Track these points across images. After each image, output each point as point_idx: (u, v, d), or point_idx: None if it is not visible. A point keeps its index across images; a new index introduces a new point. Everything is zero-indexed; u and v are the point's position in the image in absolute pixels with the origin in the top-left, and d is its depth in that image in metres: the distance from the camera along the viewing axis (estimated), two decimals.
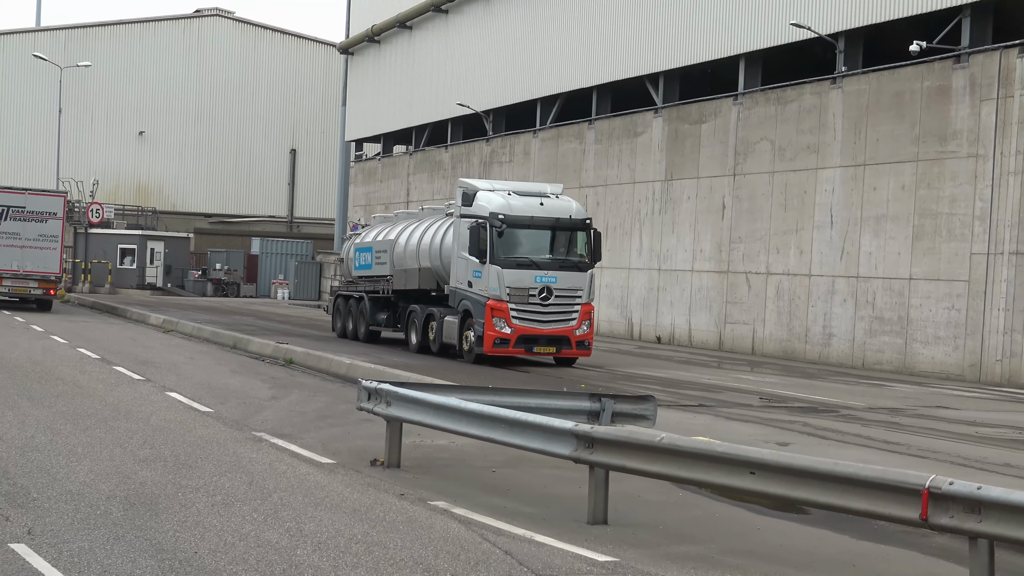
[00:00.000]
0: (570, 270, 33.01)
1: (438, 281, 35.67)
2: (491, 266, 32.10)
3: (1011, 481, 15.75)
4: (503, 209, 32.48)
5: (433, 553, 12.23)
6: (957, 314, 36.03)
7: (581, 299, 33.00)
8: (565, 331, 32.85)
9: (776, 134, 42.94)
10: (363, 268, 41.38)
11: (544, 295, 32.35)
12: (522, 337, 32.36)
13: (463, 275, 33.47)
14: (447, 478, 16.61)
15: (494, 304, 31.95)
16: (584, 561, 12.15)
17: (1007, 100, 34.62)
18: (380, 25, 73.41)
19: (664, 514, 14.83)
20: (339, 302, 43.11)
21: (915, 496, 11.06)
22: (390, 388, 17.47)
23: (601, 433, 14.06)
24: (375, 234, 41.67)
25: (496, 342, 32.12)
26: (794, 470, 12.22)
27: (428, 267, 35.98)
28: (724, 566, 12.30)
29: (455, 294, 34.08)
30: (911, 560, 13.01)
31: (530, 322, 32.48)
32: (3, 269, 53.18)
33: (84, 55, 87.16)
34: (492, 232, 32.08)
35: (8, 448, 17.33)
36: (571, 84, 55.37)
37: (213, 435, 19.70)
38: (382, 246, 39.61)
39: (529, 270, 32.45)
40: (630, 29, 51.10)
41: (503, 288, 32.03)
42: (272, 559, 11.68)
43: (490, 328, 31.97)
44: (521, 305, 32.22)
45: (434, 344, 35.08)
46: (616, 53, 52.07)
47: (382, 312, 39.31)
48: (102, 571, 10.97)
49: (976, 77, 35.66)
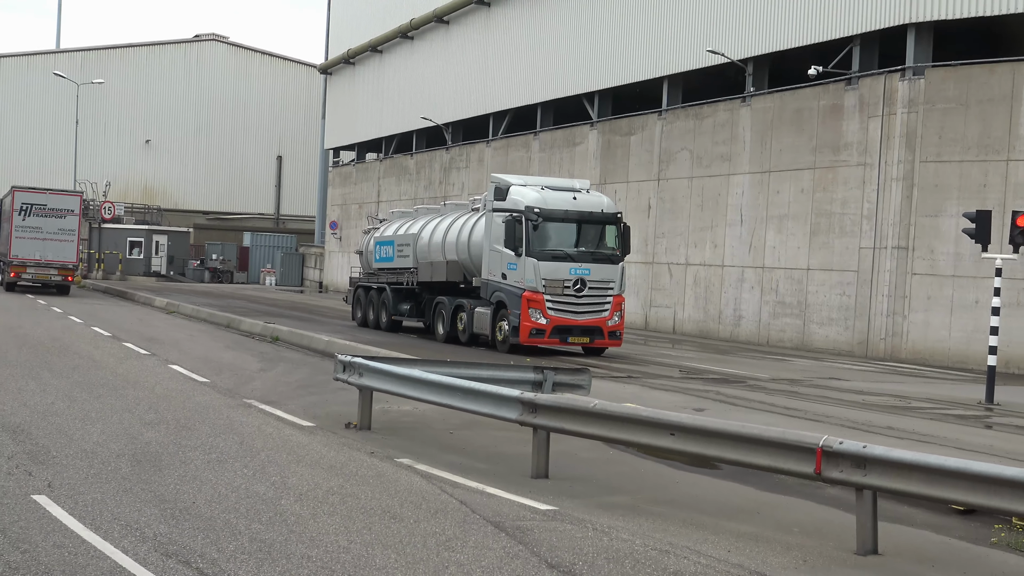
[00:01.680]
0: (603, 262, 30.25)
1: (465, 274, 32.98)
2: (527, 258, 29.50)
3: (892, 441, 15.87)
4: (539, 203, 29.82)
5: (399, 503, 12.24)
6: (847, 299, 36.29)
7: (613, 290, 30.22)
8: (598, 322, 30.07)
9: (694, 145, 43.08)
10: (384, 260, 38.20)
11: (578, 287, 29.67)
12: (557, 328, 29.61)
13: (496, 267, 30.71)
14: (411, 439, 16.61)
15: (530, 295, 29.31)
16: (528, 510, 12.18)
17: (890, 117, 34.86)
18: (355, 49, 73.38)
19: (597, 469, 14.88)
20: (359, 292, 39.87)
21: (810, 454, 11.15)
22: (362, 361, 17.48)
23: (543, 400, 14.11)
24: (395, 228, 38.68)
25: (532, 332, 29.39)
26: (707, 432, 12.29)
27: (455, 260, 33.21)
28: (648, 513, 12.35)
29: (487, 286, 31.24)
30: (807, 508, 13.10)
31: (565, 313, 29.67)
32: (27, 258, 53.30)
33: (98, 73, 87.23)
34: (528, 225, 29.51)
35: (31, 413, 17.25)
36: (519, 101, 55.40)
37: (209, 402, 19.64)
38: (404, 240, 36.73)
39: (564, 262, 29.76)
40: (570, 54, 51.19)
41: (539, 280, 29.40)
42: (260, 508, 11.67)
43: (526, 319, 29.29)
44: (556, 296, 29.51)
45: (463, 334, 32.22)
46: (558, 74, 52.16)
47: (405, 303, 36.36)
48: (112, 519, 10.94)
49: (864, 97, 35.89)
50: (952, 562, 11.00)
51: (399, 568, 9.68)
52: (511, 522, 11.54)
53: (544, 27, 53.54)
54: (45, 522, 10.71)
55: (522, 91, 55.10)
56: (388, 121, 69.77)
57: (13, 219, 53.87)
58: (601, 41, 48.97)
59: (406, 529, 11.08)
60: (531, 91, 54.38)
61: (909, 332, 34.21)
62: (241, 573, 9.29)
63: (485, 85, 58.62)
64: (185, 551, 9.90)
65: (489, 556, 10.20)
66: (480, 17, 59.47)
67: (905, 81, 34.45)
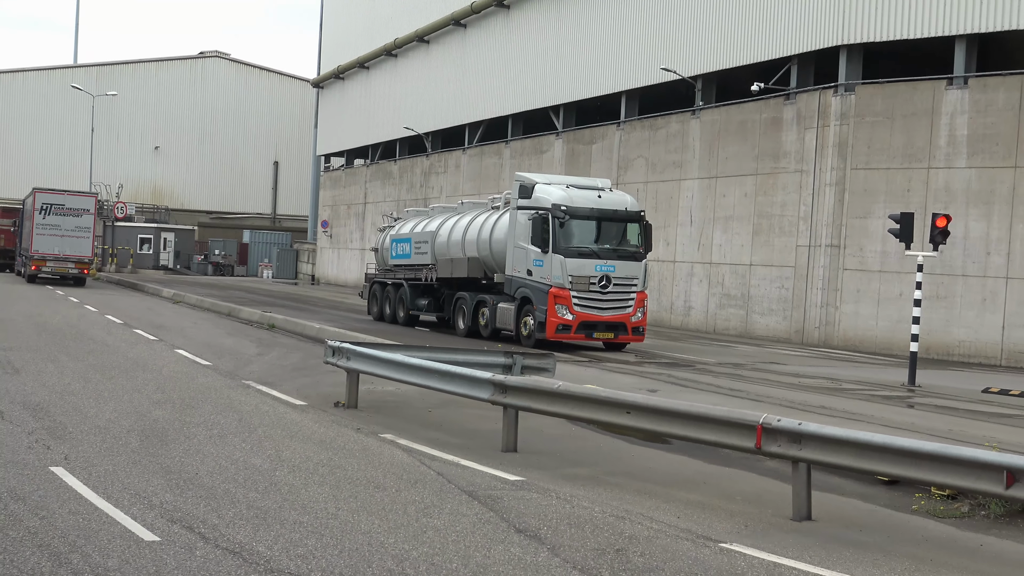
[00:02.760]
0: (627, 259, 28.12)
1: (485, 270, 30.84)
2: (554, 255, 27.44)
3: (825, 419, 15.94)
4: (565, 201, 27.72)
5: (382, 474, 12.24)
6: (786, 292, 36.42)
7: (636, 287, 28.15)
8: (622, 317, 27.92)
9: (649, 153, 43.13)
10: (401, 257, 35.76)
11: (604, 283, 27.55)
12: (583, 323, 27.51)
13: (520, 264, 28.59)
14: (394, 416, 16.61)
15: (557, 292, 27.27)
16: (499, 480, 12.21)
17: (824, 129, 34.99)
18: (344, 65, 73.17)
19: (560, 444, 14.92)
20: (375, 288, 37.24)
21: (751, 430, 11.20)
22: (350, 346, 17.47)
23: (512, 382, 14.13)
24: (412, 226, 36.22)
25: (559, 328, 27.32)
26: (660, 410, 12.33)
27: (476, 257, 30.94)
28: (606, 484, 12.39)
29: (511, 282, 29.01)
30: (749, 479, 13.17)
31: (590, 309, 27.58)
32: (47, 253, 53.12)
33: (112, 86, 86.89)
34: (554, 223, 27.47)
35: (50, 393, 17.18)
36: (492, 113, 55.35)
37: (211, 383, 19.59)
38: (422, 237, 34.44)
39: (590, 259, 27.64)
40: (538, 70, 51.17)
41: (566, 276, 27.32)
42: (256, 479, 11.65)
43: (552, 315, 27.26)
44: (582, 293, 27.40)
45: (485, 329, 29.98)
46: (527, 89, 52.13)
47: (422, 298, 33.95)
48: (123, 488, 10.91)
49: (801, 111, 36.01)
50: (878, 527, 11.07)
51: (382, 532, 9.68)
52: (483, 491, 11.56)
53: (515, 46, 53.52)
54: (62, 491, 10.68)
55: (495, 104, 55.06)
56: (374, 130, 69.61)
57: (34, 217, 53.76)
58: (566, 59, 48.99)
59: (388, 497, 11.08)
60: (503, 104, 54.33)
61: (841, 321, 34.37)
62: (239, 537, 9.28)
63: (461, 98, 58.55)
64: (188, 517, 9.88)
65: (463, 522, 10.22)
66: (457, 37, 59.41)
67: (838, 96, 34.58)
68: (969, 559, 9.94)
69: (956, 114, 31.70)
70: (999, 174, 30.83)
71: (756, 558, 9.44)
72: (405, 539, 9.49)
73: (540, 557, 9.14)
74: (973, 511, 11.67)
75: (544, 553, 9.26)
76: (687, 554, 9.47)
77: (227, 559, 8.63)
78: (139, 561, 8.46)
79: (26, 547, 8.70)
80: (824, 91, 35.20)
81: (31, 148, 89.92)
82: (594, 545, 9.59)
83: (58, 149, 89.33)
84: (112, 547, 8.81)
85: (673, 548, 9.65)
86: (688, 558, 9.34)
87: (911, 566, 9.52)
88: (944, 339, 31.62)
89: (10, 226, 67.27)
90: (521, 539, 9.69)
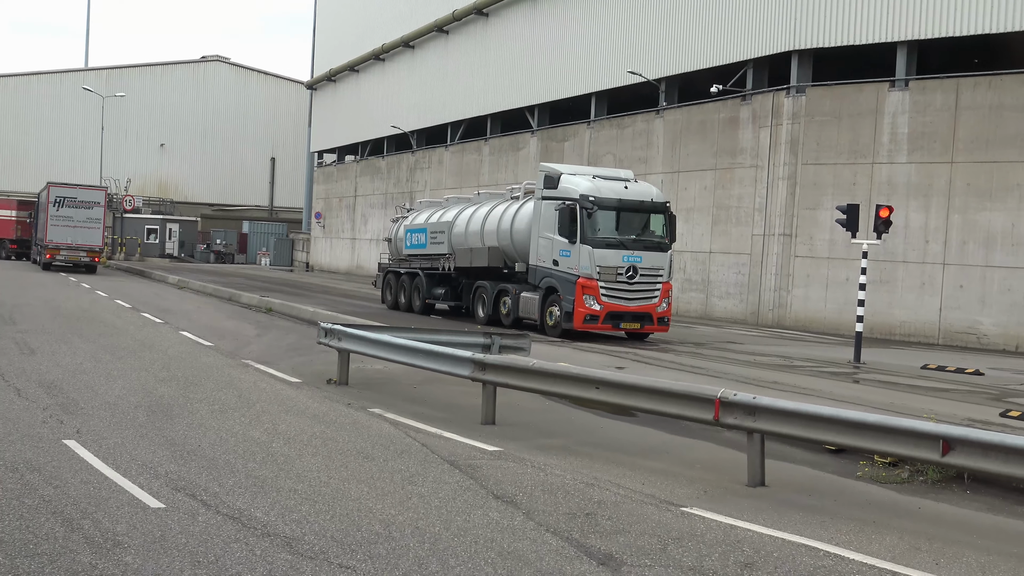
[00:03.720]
0: (653, 250, 26.02)
1: (505, 260, 28.79)
2: (582, 246, 25.44)
3: (777, 393, 15.99)
4: (593, 191, 25.70)
5: (371, 445, 12.23)
6: (742, 277, 36.50)
7: (662, 278, 26.07)
8: (648, 308, 25.91)
9: (617, 149, 43.10)
10: (416, 247, 33.60)
11: (630, 274, 25.52)
12: (610, 314, 25.50)
13: (546, 254, 26.57)
14: (381, 392, 16.58)
15: (585, 282, 25.27)
16: (478, 451, 12.21)
17: (777, 127, 35.05)
18: (336, 69, 72.88)
19: (535, 417, 14.92)
20: (390, 277, 35.16)
21: (710, 404, 11.23)
22: (341, 328, 17.44)
23: (491, 360, 14.13)
24: (427, 216, 34.15)
25: (587, 318, 25.40)
26: (626, 386, 12.35)
27: (496, 246, 28.96)
28: (577, 453, 12.40)
29: (536, 272, 27.00)
30: (707, 448, 13.20)
31: (617, 299, 25.55)
32: (60, 243, 53.06)
33: (120, 88, 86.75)
34: (582, 213, 25.44)
35: (63, 372, 17.09)
36: (473, 112, 55.20)
37: (213, 362, 19.52)
38: (438, 227, 32.28)
39: (617, 250, 25.57)
40: (514, 74, 51.09)
41: (594, 267, 25.33)
42: (254, 450, 11.62)
43: (580, 305, 25.30)
44: (610, 283, 25.37)
45: (506, 318, 28.16)
46: (505, 91, 52.03)
47: (438, 287, 32.08)
48: (130, 460, 10.86)
49: (756, 111, 36.05)
50: (825, 492, 11.12)
51: (370, 499, 9.67)
52: (464, 461, 11.56)
53: (493, 50, 53.41)
54: (74, 462, 10.63)
55: (475, 104, 54.93)
56: (363, 129, 69.36)
57: (48, 210, 53.63)
58: (541, 63, 48.90)
59: (376, 467, 11.07)
60: (482, 104, 54.19)
61: (792, 304, 34.47)
62: (238, 504, 9.25)
63: (444, 99, 58.40)
64: (191, 486, 9.84)
65: (445, 489, 10.21)
66: (440, 43, 59.22)
67: (790, 98, 34.63)
68: (909, 520, 9.99)
69: (898, 114, 31.79)
70: (936, 169, 30.95)
71: (714, 521, 9.47)
72: (391, 505, 9.47)
73: (516, 521, 9.14)
74: (912, 477, 11.73)
75: (520, 517, 9.27)
76: (651, 517, 9.49)
77: (227, 524, 8.61)
78: (145, 526, 8.42)
79: (41, 514, 8.66)
80: (777, 93, 35.24)
81: (46, 145, 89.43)
82: (566, 510, 9.60)
83: (71, 146, 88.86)
84: (120, 514, 8.77)
85: (638, 512, 9.67)
86: (652, 521, 9.36)
87: (856, 527, 9.56)
88: (887, 320, 31.76)
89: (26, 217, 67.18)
90: (498, 504, 9.69)
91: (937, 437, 9.61)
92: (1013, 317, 29.38)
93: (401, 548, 8.16)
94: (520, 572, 7.72)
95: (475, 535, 8.63)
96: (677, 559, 8.23)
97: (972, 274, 30.25)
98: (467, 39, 56.24)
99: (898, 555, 8.70)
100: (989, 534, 9.64)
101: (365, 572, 7.54)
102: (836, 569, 8.19)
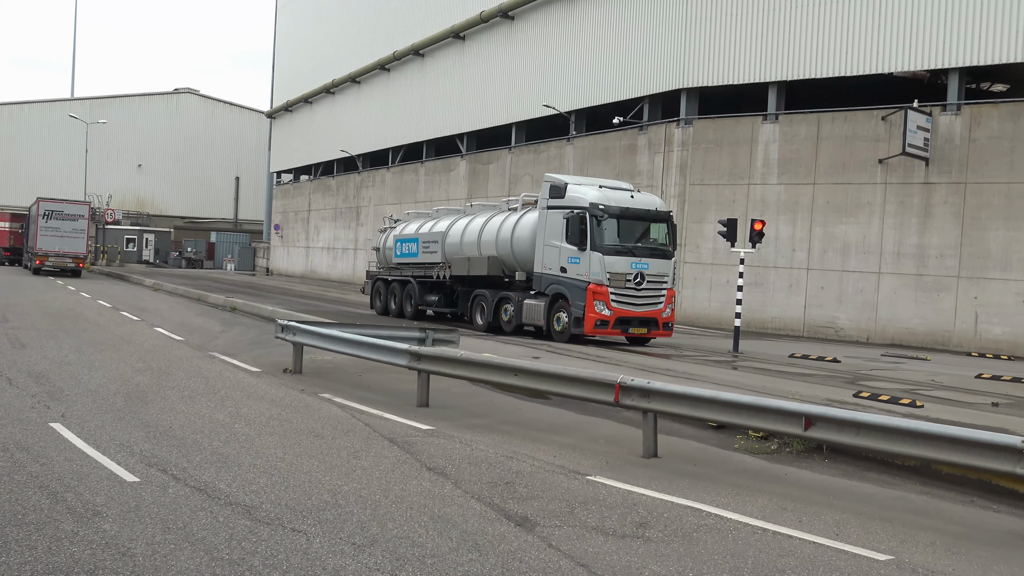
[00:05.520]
0: (659, 257, 23.86)
1: (503, 268, 26.41)
2: (593, 253, 23.20)
3: (668, 379, 16.14)
4: (602, 200, 23.48)
5: (320, 425, 12.11)
6: None
7: (667, 284, 23.97)
8: (655, 313, 23.75)
9: (534, 171, 43.17)
10: (407, 256, 30.81)
11: (638, 280, 23.39)
12: (620, 319, 23.36)
13: (552, 261, 24.19)
14: (331, 379, 16.44)
15: (595, 288, 23.08)
16: (414, 429, 12.15)
17: (669, 154, 35.36)
18: (292, 100, 72.08)
19: (463, 400, 14.89)
20: (379, 285, 32.16)
21: (611, 388, 11.29)
22: (295, 324, 17.26)
23: (425, 351, 14.06)
24: (417, 227, 31.26)
25: (597, 323, 23.20)
26: (541, 373, 12.37)
27: (495, 255, 26.46)
28: (499, 431, 12.40)
29: (541, 279, 24.60)
30: (610, 426, 13.26)
31: (626, 305, 23.39)
32: (49, 250, 52.04)
33: (103, 115, 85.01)
34: (592, 221, 23.23)
35: (51, 363, 16.70)
36: (411, 139, 54.93)
37: (183, 354, 19.20)
38: (431, 237, 29.63)
39: (626, 257, 23.38)
40: (447, 106, 50.99)
41: (604, 273, 23.13)
42: (219, 430, 11.45)
43: (591, 310, 23.09)
44: (619, 289, 23.23)
45: (508, 325, 25.59)
46: (438, 120, 51.88)
47: (431, 294, 29.38)
48: (110, 440, 10.64)
49: (652, 139, 36.33)
50: (708, 461, 11.24)
51: (320, 471, 9.58)
52: (401, 438, 11.50)
53: (428, 86, 53.18)
54: (59, 442, 10.39)
55: (413, 131, 54.65)
56: (316, 152, 68.71)
57: (38, 221, 52.58)
58: (469, 97, 48.85)
59: (325, 444, 10.97)
60: (420, 131, 53.94)
61: (683, 303, 34.76)
62: (204, 477, 9.11)
63: (386, 127, 58.05)
64: (163, 462, 9.67)
65: (385, 462, 10.15)
66: (382, 79, 58.85)
67: (680, 128, 34.96)
68: (777, 485, 10.14)
69: (769, 143, 32.26)
70: (801, 189, 31.47)
71: (614, 487, 9.52)
72: (338, 476, 9.39)
73: (446, 489, 9.11)
74: (780, 448, 11.90)
75: (449, 486, 9.24)
76: (561, 485, 9.52)
77: (194, 495, 8.47)
78: (122, 498, 8.26)
79: (29, 488, 8.45)
80: (669, 124, 35.56)
81: (36, 165, 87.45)
82: (488, 479, 9.59)
83: (58, 166, 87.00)
84: (100, 487, 8.59)
85: (550, 480, 9.69)
86: (561, 488, 9.38)
87: (733, 491, 9.68)
88: (760, 316, 32.21)
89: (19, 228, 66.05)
90: (431, 475, 9.66)
91: (800, 415, 9.76)
92: (864, 313, 29.98)
93: (346, 514, 8.10)
94: (449, 533, 7.70)
95: (410, 502, 8.59)
96: (583, 520, 8.27)
97: (831, 277, 30.80)
98: (406, 76, 55.99)
99: (768, 514, 8.82)
100: (843, 496, 9.82)
101: (315, 535, 7.47)
102: (716, 527, 8.29)
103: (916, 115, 27.98)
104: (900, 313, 29.15)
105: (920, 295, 28.73)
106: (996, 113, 27.53)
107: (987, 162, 27.43)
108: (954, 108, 28.14)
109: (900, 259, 29.21)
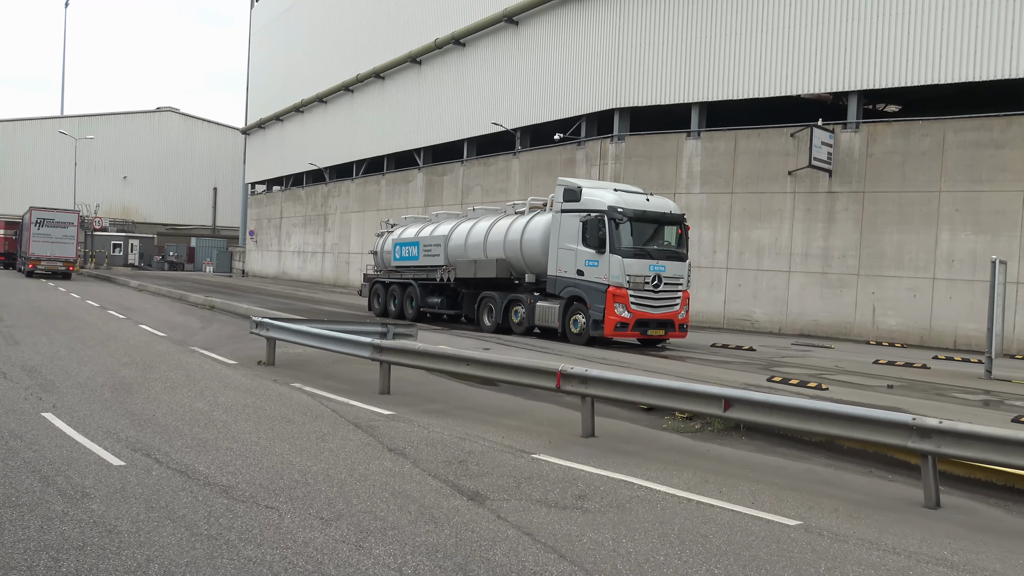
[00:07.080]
0: (675, 260, 21.99)
1: (511, 271, 24.39)
2: (612, 255, 21.31)
3: (604, 367, 16.19)
4: (620, 203, 21.65)
5: (291, 411, 11.99)
6: None
7: (682, 286, 22.12)
8: (671, 315, 21.89)
9: (484, 182, 43.16)
10: (407, 259, 28.50)
11: (656, 282, 21.49)
12: (639, 321, 21.46)
13: (568, 264, 22.20)
14: (301, 370, 16.29)
15: (615, 290, 21.18)
16: (376, 414, 12.07)
17: (604, 166, 35.49)
18: (265, 118, 71.31)
19: (421, 388, 14.83)
20: (377, 287, 29.74)
21: (553, 375, 11.31)
22: (269, 320, 17.06)
23: (386, 344, 13.99)
24: (416, 230, 29.13)
25: (617, 326, 21.28)
26: (490, 363, 12.36)
27: (503, 258, 24.42)
28: (453, 415, 12.37)
29: (556, 282, 22.56)
30: (553, 409, 13.28)
31: (644, 307, 21.52)
32: (41, 255, 51.14)
33: (90, 132, 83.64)
34: (610, 224, 21.37)
35: (43, 358, 16.36)
36: (373, 153, 54.60)
37: (166, 349, 18.91)
38: (433, 240, 27.43)
39: (644, 259, 21.49)
40: (405, 123, 50.75)
41: (624, 276, 21.24)
42: (198, 417, 11.29)
43: (611, 313, 21.19)
44: (638, 292, 21.36)
45: (518, 327, 23.67)
46: (397, 136, 51.62)
47: (433, 296, 27.24)
48: (97, 427, 10.45)
49: (589, 153, 36.45)
50: (639, 440, 11.30)
51: (291, 453, 9.49)
52: (365, 422, 11.43)
53: (389, 105, 52.89)
54: (50, 431, 10.18)
55: (375, 146, 54.32)
56: (287, 165, 68.02)
57: (31, 228, 51.62)
58: (425, 115, 48.67)
59: (296, 429, 10.86)
60: (381, 146, 53.62)
61: None
62: (185, 460, 8.98)
63: (351, 142, 57.64)
64: (147, 447, 9.52)
65: (350, 445, 10.08)
66: (347, 99, 58.43)
67: (613, 144, 35.12)
68: (700, 460, 10.23)
69: (693, 156, 32.54)
70: (721, 197, 31.79)
71: (557, 464, 9.54)
72: (308, 458, 9.31)
73: (405, 468, 9.07)
74: (703, 428, 12.01)
75: (408, 465, 9.20)
76: (509, 462, 9.52)
77: (176, 477, 8.34)
78: (109, 481, 8.11)
79: (22, 472, 8.27)
80: (604, 140, 35.70)
81: (29, 177, 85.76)
82: (444, 458, 9.57)
83: (49, 178, 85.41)
84: (88, 471, 8.43)
85: (499, 459, 9.69)
86: (509, 465, 9.39)
87: (662, 466, 9.75)
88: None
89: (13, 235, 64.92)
90: (392, 456, 9.61)
91: (720, 397, 9.85)
92: (776, 308, 30.36)
93: (315, 491, 8.02)
94: (408, 507, 7.66)
95: (373, 480, 8.53)
96: (528, 493, 8.28)
97: (747, 276, 31.15)
98: (369, 96, 55.64)
99: (692, 486, 8.90)
100: (758, 469, 9.93)
101: (286, 511, 7.40)
102: (647, 498, 8.34)
103: (821, 132, 28.42)
104: (808, 307, 29.57)
105: (825, 291, 29.17)
106: (890, 131, 28.04)
107: (882, 174, 27.93)
108: (854, 126, 28.61)
109: (808, 259, 29.63)
